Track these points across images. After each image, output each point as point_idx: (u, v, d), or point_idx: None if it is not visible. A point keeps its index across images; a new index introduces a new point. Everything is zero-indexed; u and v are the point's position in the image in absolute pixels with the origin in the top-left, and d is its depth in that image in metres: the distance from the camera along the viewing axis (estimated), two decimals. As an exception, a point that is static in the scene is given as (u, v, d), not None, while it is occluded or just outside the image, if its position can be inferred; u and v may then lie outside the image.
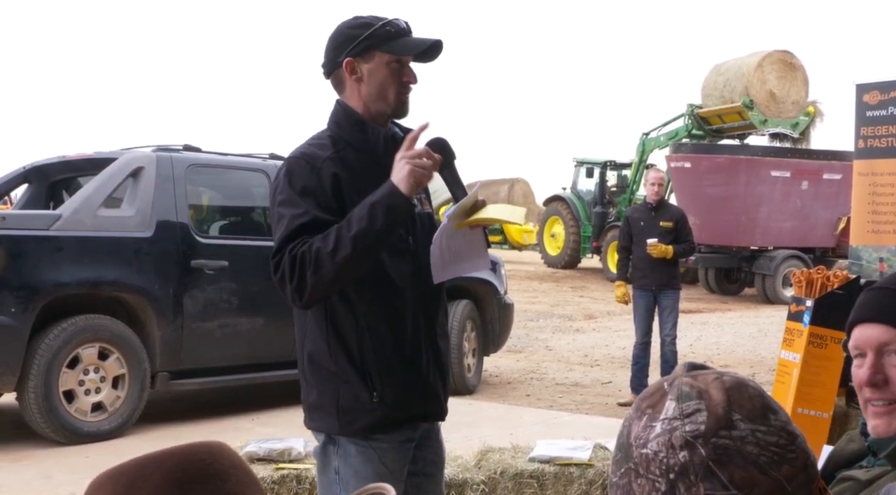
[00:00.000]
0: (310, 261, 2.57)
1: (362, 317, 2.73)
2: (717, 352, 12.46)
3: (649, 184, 8.95)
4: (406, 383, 2.79)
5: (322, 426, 2.82)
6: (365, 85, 2.78)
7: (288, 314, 8.71)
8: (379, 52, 2.75)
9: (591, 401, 8.97)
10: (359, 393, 2.73)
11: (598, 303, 18.93)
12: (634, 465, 1.06)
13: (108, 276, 7.16)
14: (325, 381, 2.77)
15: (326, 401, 2.77)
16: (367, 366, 2.73)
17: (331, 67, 2.83)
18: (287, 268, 2.61)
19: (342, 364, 2.74)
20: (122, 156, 7.66)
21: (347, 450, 2.77)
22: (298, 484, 5.09)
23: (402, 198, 2.59)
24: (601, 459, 5.36)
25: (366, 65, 2.77)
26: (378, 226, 2.56)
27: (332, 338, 2.74)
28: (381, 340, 2.75)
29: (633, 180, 23.65)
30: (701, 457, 1.01)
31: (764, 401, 1.05)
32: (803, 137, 21.62)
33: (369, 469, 2.75)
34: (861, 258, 7.05)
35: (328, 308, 2.73)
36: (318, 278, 2.56)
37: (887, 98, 6.90)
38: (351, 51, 2.76)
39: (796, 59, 21.03)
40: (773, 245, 19.96)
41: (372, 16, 2.80)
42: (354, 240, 2.55)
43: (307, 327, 2.81)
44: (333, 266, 2.55)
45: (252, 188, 8.44)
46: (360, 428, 2.75)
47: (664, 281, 8.72)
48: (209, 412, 8.10)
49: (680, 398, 1.05)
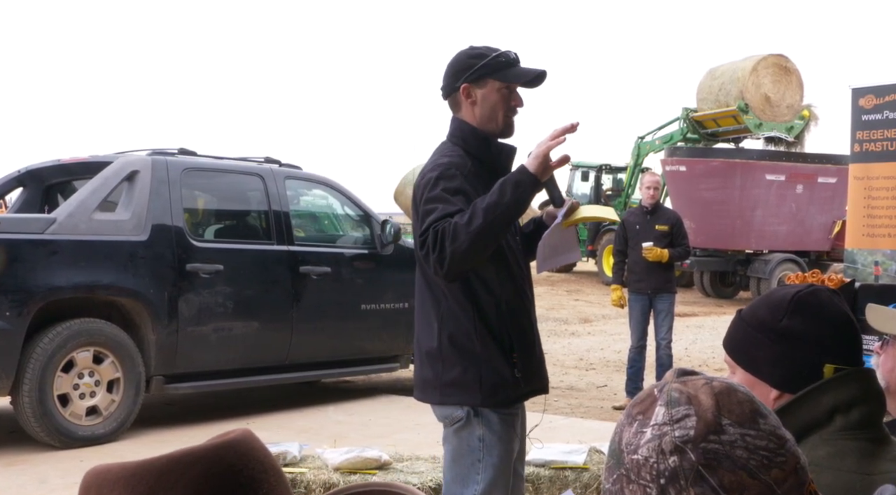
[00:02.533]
0: (449, 233, 2.91)
1: (504, 304, 3.17)
2: (712, 355, 12.46)
3: (645, 188, 8.95)
4: (533, 362, 3.27)
5: (462, 400, 3.18)
6: (478, 107, 3.22)
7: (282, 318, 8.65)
8: (491, 79, 3.18)
9: (587, 405, 8.97)
10: (502, 371, 3.16)
11: (594, 307, 18.94)
12: (626, 471, 1.06)
13: (104, 280, 7.15)
14: (469, 360, 3.16)
15: (469, 378, 3.16)
16: (510, 346, 3.17)
17: (449, 90, 3.27)
18: (430, 242, 2.95)
19: (488, 345, 3.15)
20: (118, 160, 7.65)
21: (490, 419, 3.18)
22: (293, 489, 5.08)
23: (529, 176, 2.98)
24: (596, 463, 5.37)
25: (479, 90, 3.20)
26: (507, 199, 2.92)
27: (477, 322, 3.14)
28: (519, 324, 3.21)
29: (629, 184, 23.68)
30: (691, 462, 1.01)
31: (753, 406, 1.06)
32: (798, 141, 21.65)
33: (508, 433, 3.22)
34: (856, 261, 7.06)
35: (473, 297, 3.14)
36: (455, 247, 2.90)
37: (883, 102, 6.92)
38: (467, 77, 3.20)
39: (791, 62, 21.07)
40: (768, 248, 19.98)
41: (486, 47, 3.24)
42: (485, 211, 2.90)
43: (443, 314, 3.18)
44: (467, 236, 2.88)
45: (247, 192, 8.43)
46: (502, 400, 3.17)
47: (659, 284, 8.73)
48: (204, 416, 8.10)
49: (669, 403, 1.05)
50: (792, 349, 1.73)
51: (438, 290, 3.20)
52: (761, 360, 1.76)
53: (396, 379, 10.33)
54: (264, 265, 8.05)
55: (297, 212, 8.91)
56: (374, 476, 5.18)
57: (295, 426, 7.71)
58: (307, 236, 8.90)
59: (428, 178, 3.12)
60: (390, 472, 5.25)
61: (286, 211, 8.32)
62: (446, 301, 3.18)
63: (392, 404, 8.74)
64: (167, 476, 1.01)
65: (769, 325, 1.76)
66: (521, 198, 2.95)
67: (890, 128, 6.86)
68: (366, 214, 9.02)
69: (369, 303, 8.67)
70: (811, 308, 1.75)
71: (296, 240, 8.35)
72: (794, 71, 21.06)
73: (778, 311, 1.76)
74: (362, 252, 8.84)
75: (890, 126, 6.85)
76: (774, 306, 1.78)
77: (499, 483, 3.24)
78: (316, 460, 5.45)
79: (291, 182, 8.65)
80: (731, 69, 21.24)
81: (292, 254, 8.20)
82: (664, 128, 23.30)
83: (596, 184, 24.80)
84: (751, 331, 1.80)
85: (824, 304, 1.76)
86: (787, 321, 1.75)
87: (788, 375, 1.74)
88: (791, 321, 1.74)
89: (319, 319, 8.33)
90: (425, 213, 3.04)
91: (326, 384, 9.96)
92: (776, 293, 1.83)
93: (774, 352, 1.75)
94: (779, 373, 1.75)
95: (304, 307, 8.19)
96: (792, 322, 1.74)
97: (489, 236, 2.93)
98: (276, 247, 8.16)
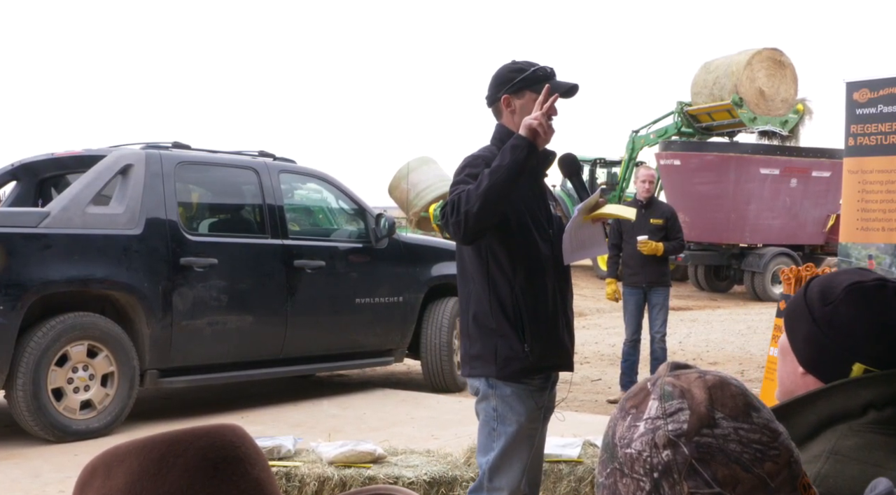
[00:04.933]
0: (464, 199, 3.32)
1: (517, 286, 3.53)
2: (706, 349, 12.49)
3: (639, 182, 8.96)
4: (548, 339, 3.58)
5: (482, 372, 3.57)
6: (517, 116, 3.56)
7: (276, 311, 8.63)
8: (529, 91, 3.56)
9: (581, 398, 8.98)
10: (514, 345, 3.52)
11: (588, 301, 18.95)
12: (619, 465, 1.06)
13: (97, 274, 7.14)
14: (487, 336, 3.55)
15: (487, 352, 3.55)
16: (520, 324, 3.52)
17: (492, 100, 3.67)
18: (449, 209, 3.36)
19: (501, 322, 3.52)
20: (111, 154, 7.64)
21: (504, 391, 3.55)
22: (287, 482, 5.09)
23: (522, 140, 3.36)
24: (590, 456, 5.37)
25: (518, 101, 3.59)
26: (506, 161, 3.31)
27: (493, 302, 3.53)
28: (531, 305, 3.54)
29: (623, 178, 23.67)
30: (684, 456, 1.01)
31: (746, 399, 1.06)
32: (792, 135, 21.68)
33: (522, 405, 3.55)
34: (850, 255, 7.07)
35: (491, 280, 3.54)
36: (468, 209, 3.30)
37: (877, 96, 6.92)
38: (508, 89, 3.59)
39: (785, 56, 21.08)
40: (763, 242, 20.01)
41: (525, 61, 3.63)
42: (490, 173, 3.31)
43: (471, 295, 3.60)
44: (477, 197, 3.28)
45: (242, 185, 8.43)
46: (513, 372, 3.53)
47: (654, 278, 8.74)
48: (198, 410, 8.10)
49: (663, 397, 1.05)
50: (826, 336, 1.70)
51: (468, 275, 3.62)
52: (799, 334, 1.74)
53: (391, 373, 10.34)
54: (259, 259, 8.04)
55: (291, 205, 8.90)
56: (369, 469, 5.18)
57: (289, 420, 7.71)
58: (302, 230, 8.89)
59: (458, 168, 3.56)
60: (385, 466, 5.25)
61: (280, 205, 8.31)
62: (473, 284, 3.60)
63: (387, 398, 8.74)
64: (176, 446, 1.10)
65: (817, 304, 1.73)
66: (517, 158, 3.32)
67: (884, 122, 6.86)
68: (360, 208, 9.02)
69: (364, 297, 8.66)
70: (861, 303, 1.69)
71: (290, 234, 8.35)
72: (788, 65, 21.07)
73: (830, 294, 1.72)
74: (357, 246, 8.84)
75: (884, 120, 6.86)
76: (827, 289, 1.74)
77: (513, 453, 3.56)
78: (310, 454, 5.45)
79: (286, 176, 8.64)
80: (726, 63, 21.25)
81: (287, 247, 8.20)
82: (659, 122, 23.30)
83: (590, 178, 24.79)
84: (802, 303, 1.77)
85: (877, 302, 1.69)
86: (832, 307, 1.70)
87: (816, 358, 1.71)
88: (836, 309, 1.70)
89: (314, 313, 8.33)
90: (450, 194, 3.43)
91: (321, 378, 9.96)
92: (839, 276, 1.77)
93: (811, 332, 1.72)
94: (808, 353, 1.72)
95: (299, 301, 8.18)
96: (837, 310, 1.70)
97: (495, 194, 3.30)
98: (270, 240, 8.15)
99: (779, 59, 20.99)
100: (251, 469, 1.12)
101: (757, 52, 20.85)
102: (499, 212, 3.39)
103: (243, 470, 1.11)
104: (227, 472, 1.10)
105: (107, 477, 1.11)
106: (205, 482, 1.08)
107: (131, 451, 1.10)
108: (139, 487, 1.08)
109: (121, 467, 1.10)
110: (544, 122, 3.39)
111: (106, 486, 1.10)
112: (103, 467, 1.12)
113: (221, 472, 1.09)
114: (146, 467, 1.09)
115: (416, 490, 5.02)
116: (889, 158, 6.84)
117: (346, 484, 5.03)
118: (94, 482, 1.12)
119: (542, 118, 3.38)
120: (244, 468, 1.11)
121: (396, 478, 5.07)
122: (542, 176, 3.77)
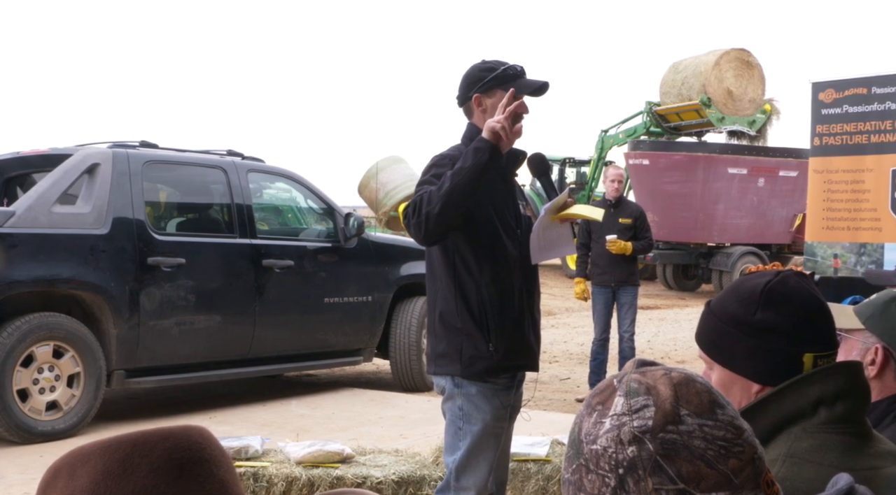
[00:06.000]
0: (426, 200, 3.35)
1: (483, 286, 3.54)
2: (674, 347, 12.55)
3: (608, 181, 8.98)
4: (513, 339, 3.59)
5: (447, 370, 3.59)
6: (488, 114, 3.55)
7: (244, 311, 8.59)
8: (500, 90, 3.55)
9: (550, 398, 9.01)
10: (478, 345, 3.53)
11: (557, 300, 19.01)
12: (585, 461, 1.07)
13: (64, 274, 7.08)
14: (453, 335, 3.56)
15: (453, 351, 3.56)
16: (485, 323, 3.54)
17: (463, 99, 3.67)
18: (410, 210, 3.38)
19: (467, 321, 3.54)
20: (78, 153, 7.58)
21: (469, 390, 3.57)
22: (255, 482, 5.07)
23: (485, 142, 3.38)
24: (558, 455, 5.39)
25: (489, 100, 3.59)
26: (469, 163, 3.33)
27: (459, 301, 3.54)
28: (496, 304, 3.55)
29: (592, 177, 23.76)
30: (649, 452, 1.02)
31: (711, 396, 1.06)
32: (760, 135, 21.84)
33: (487, 404, 3.57)
34: (816, 254, 7.13)
35: (457, 279, 3.55)
36: (429, 210, 3.32)
37: (842, 96, 6.98)
38: (479, 88, 3.59)
39: (753, 57, 21.23)
40: (730, 241, 20.15)
41: (495, 60, 3.63)
42: (452, 175, 3.33)
43: (438, 294, 3.62)
44: (439, 198, 3.31)
45: (210, 185, 8.38)
46: (478, 371, 3.55)
47: (623, 277, 8.77)
48: (166, 410, 8.05)
49: (628, 394, 1.06)
50: (768, 342, 1.70)
51: (436, 274, 3.64)
52: (738, 355, 1.73)
53: (360, 373, 10.32)
54: (227, 258, 8.01)
55: (259, 205, 8.86)
56: (337, 469, 5.17)
57: (258, 420, 7.68)
58: (270, 229, 8.86)
59: (425, 168, 3.58)
60: (353, 466, 5.24)
61: (249, 204, 8.27)
62: (440, 283, 3.61)
63: (355, 397, 8.73)
64: (141, 446, 1.10)
65: (742, 319, 1.73)
66: (480, 160, 3.34)
67: (849, 123, 6.93)
68: (329, 207, 9.00)
69: (333, 297, 8.64)
70: (783, 298, 1.72)
71: (259, 234, 8.31)
72: (756, 65, 21.23)
73: (750, 304, 1.73)
74: (326, 245, 8.81)
75: (849, 120, 6.92)
76: (746, 299, 1.75)
77: (479, 452, 3.57)
78: (278, 454, 5.43)
79: (254, 175, 8.60)
80: (694, 63, 21.37)
81: (255, 247, 8.16)
82: (628, 122, 23.41)
83: (559, 178, 24.84)
84: (723, 326, 1.76)
85: (795, 292, 1.73)
86: (760, 314, 1.71)
87: (768, 368, 1.71)
88: (764, 314, 1.71)
89: (282, 313, 8.30)
90: (415, 194, 3.45)
91: (289, 377, 9.93)
92: (745, 284, 1.79)
93: (750, 346, 1.71)
94: (758, 367, 1.71)
95: (267, 300, 8.15)
96: (765, 314, 1.71)
97: (457, 196, 3.33)
98: (238, 240, 8.11)
99: (746, 60, 21.14)
100: (216, 470, 1.12)
101: (725, 53, 20.99)
102: (460, 213, 3.41)
103: (208, 472, 1.11)
104: (193, 473, 1.10)
105: (70, 477, 1.10)
106: (170, 483, 1.08)
107: (95, 452, 1.10)
108: (103, 488, 1.07)
109: (84, 467, 1.09)
110: (507, 124, 3.41)
111: (69, 487, 1.10)
112: (67, 468, 1.11)
113: (186, 473, 1.09)
114: (110, 467, 1.08)
115: (384, 489, 5.02)
116: (854, 158, 6.91)
117: (314, 484, 5.01)
118: (57, 483, 1.11)
119: (504, 121, 3.40)
120: (209, 469, 1.11)
121: (365, 478, 5.06)
122: (511, 176, 3.78)
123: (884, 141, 6.76)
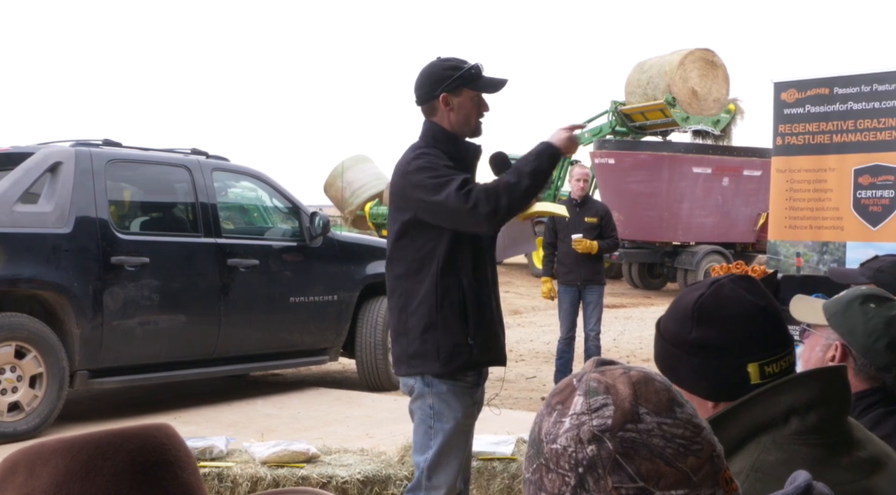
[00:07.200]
0: (502, 189, 3.46)
1: (464, 279, 3.61)
2: (639, 346, 12.61)
3: (574, 181, 9.02)
4: (488, 334, 3.68)
5: (422, 369, 3.62)
6: (455, 113, 3.66)
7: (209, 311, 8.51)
8: (466, 89, 3.64)
9: (516, 396, 9.03)
10: (457, 339, 3.58)
11: (524, 299, 19.04)
12: (545, 460, 1.07)
13: (25, 273, 7.02)
14: (428, 333, 3.59)
15: (428, 349, 3.59)
16: (467, 319, 3.59)
17: (427, 98, 3.69)
18: (483, 197, 3.43)
19: (447, 315, 3.58)
20: (40, 151, 7.51)
21: (440, 388, 3.60)
22: (220, 483, 5.04)
23: (557, 150, 3.59)
24: (524, 453, 5.39)
25: (456, 99, 3.66)
26: (545, 166, 3.55)
27: (440, 295, 3.58)
28: (478, 300, 3.64)
29: (558, 176, 23.81)
30: (608, 451, 1.02)
31: (670, 395, 1.07)
32: (724, 134, 22.00)
33: (458, 402, 3.62)
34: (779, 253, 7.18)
35: (440, 274, 3.58)
36: (509, 200, 3.43)
37: (804, 96, 7.03)
38: (446, 87, 3.63)
39: (717, 57, 21.39)
40: (695, 240, 20.27)
41: (457, 59, 3.69)
42: (531, 175, 3.50)
43: (408, 293, 3.64)
44: (519, 192, 3.46)
45: (174, 184, 8.32)
46: (456, 367, 3.59)
47: (589, 276, 8.80)
48: (130, 410, 7.99)
49: (588, 393, 1.06)
50: (709, 358, 1.69)
51: (404, 272, 3.66)
52: (685, 374, 1.71)
53: (326, 372, 10.30)
54: (191, 258, 7.96)
55: (224, 204, 8.82)
56: (302, 469, 5.15)
57: (223, 420, 7.65)
58: (235, 228, 8.82)
59: (418, 165, 3.59)
60: (318, 465, 5.22)
61: (213, 203, 8.23)
62: (413, 281, 3.64)
63: (321, 397, 8.71)
64: (105, 448, 1.07)
65: (680, 339, 1.72)
66: (552, 165, 3.60)
67: (811, 122, 6.98)
68: (294, 206, 8.97)
69: (298, 296, 8.62)
70: (716, 312, 1.70)
71: (223, 233, 8.27)
72: (720, 65, 21.38)
73: (685, 323, 1.72)
74: (291, 244, 8.79)
75: (811, 120, 6.98)
76: (681, 318, 1.73)
77: (450, 450, 3.60)
78: (243, 454, 5.41)
79: (219, 174, 8.56)
80: (659, 63, 21.49)
81: (220, 246, 8.12)
82: (593, 121, 23.49)
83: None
84: (667, 346, 1.76)
85: (729, 303, 1.70)
86: (695, 332, 1.70)
87: (713, 385, 1.69)
88: (699, 331, 1.69)
89: (247, 312, 8.27)
90: (439, 186, 3.49)
91: (255, 377, 9.89)
92: (681, 301, 1.76)
93: (693, 365, 1.70)
94: (704, 385, 1.70)
95: (232, 300, 8.11)
96: (700, 332, 1.69)
97: (532, 194, 3.54)
98: (203, 239, 8.07)
99: (711, 60, 21.28)
100: (181, 473, 1.10)
101: (689, 53, 21.13)
102: (523, 208, 3.61)
103: (173, 475, 1.09)
104: (157, 477, 1.08)
105: (30, 475, 1.08)
106: (133, 487, 1.06)
107: (57, 451, 1.07)
108: (65, 490, 1.05)
109: (46, 467, 1.07)
110: (574, 137, 3.67)
111: (28, 485, 1.07)
112: (26, 464, 1.08)
113: (151, 477, 1.07)
114: (73, 469, 1.06)
115: (349, 489, 5.01)
116: (816, 158, 6.97)
117: (279, 483, 4.99)
118: (15, 479, 1.09)
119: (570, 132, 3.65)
120: (174, 472, 1.10)
121: (330, 478, 5.05)
122: (473, 171, 3.84)
123: (846, 141, 6.82)
